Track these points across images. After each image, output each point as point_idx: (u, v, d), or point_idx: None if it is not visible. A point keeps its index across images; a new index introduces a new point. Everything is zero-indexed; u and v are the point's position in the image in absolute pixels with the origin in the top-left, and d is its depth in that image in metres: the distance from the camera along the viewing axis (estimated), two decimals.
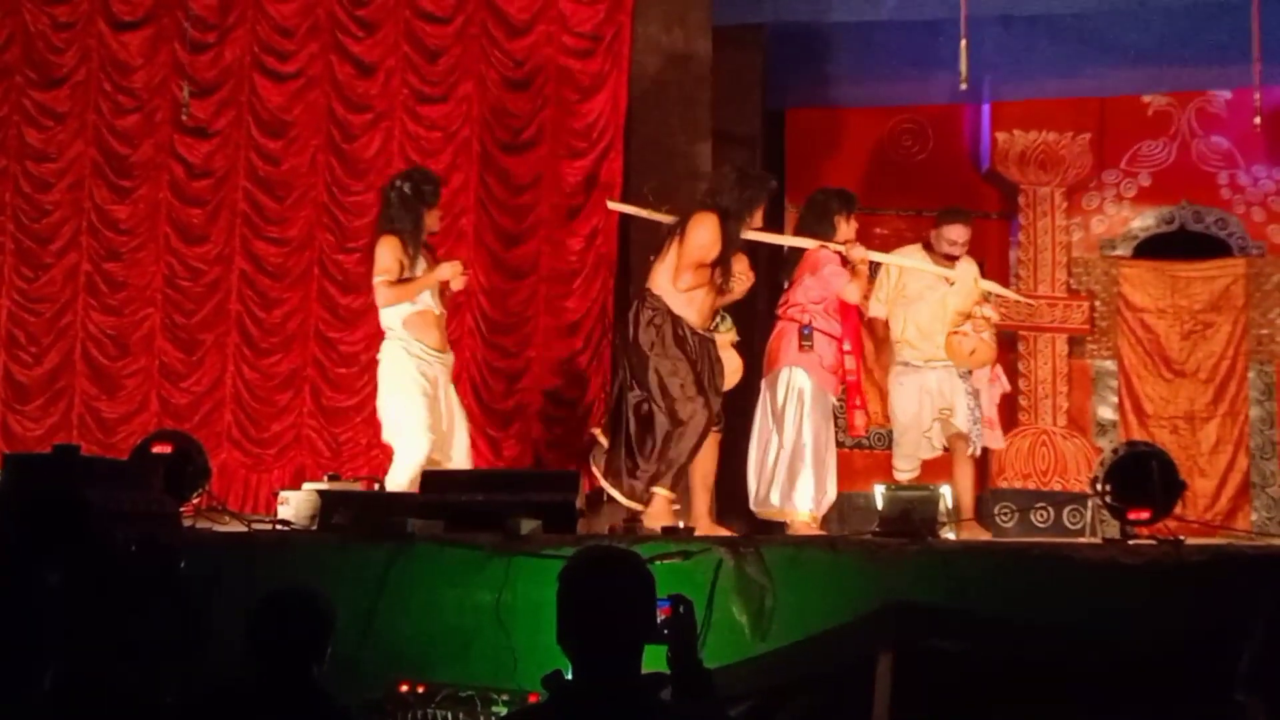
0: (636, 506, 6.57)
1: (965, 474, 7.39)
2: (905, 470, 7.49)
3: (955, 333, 7.32)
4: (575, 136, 8.15)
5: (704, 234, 6.59)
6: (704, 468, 6.76)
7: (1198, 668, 4.59)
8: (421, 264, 6.83)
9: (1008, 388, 7.88)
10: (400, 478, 6.68)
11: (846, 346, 7.19)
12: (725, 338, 6.92)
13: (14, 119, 8.67)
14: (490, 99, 8.28)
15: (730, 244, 6.64)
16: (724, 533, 6.29)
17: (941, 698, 4.77)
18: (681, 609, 3.25)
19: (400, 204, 6.85)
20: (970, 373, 7.40)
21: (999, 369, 7.75)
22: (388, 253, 6.78)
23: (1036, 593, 5.11)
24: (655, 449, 6.52)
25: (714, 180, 6.97)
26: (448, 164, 8.23)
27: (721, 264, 6.61)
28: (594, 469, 6.74)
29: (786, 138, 9.81)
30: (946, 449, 7.45)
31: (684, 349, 6.55)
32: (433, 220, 6.99)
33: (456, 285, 6.98)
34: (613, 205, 7.85)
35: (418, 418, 6.73)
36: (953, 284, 7.41)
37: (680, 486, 6.65)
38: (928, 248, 7.51)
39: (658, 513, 6.49)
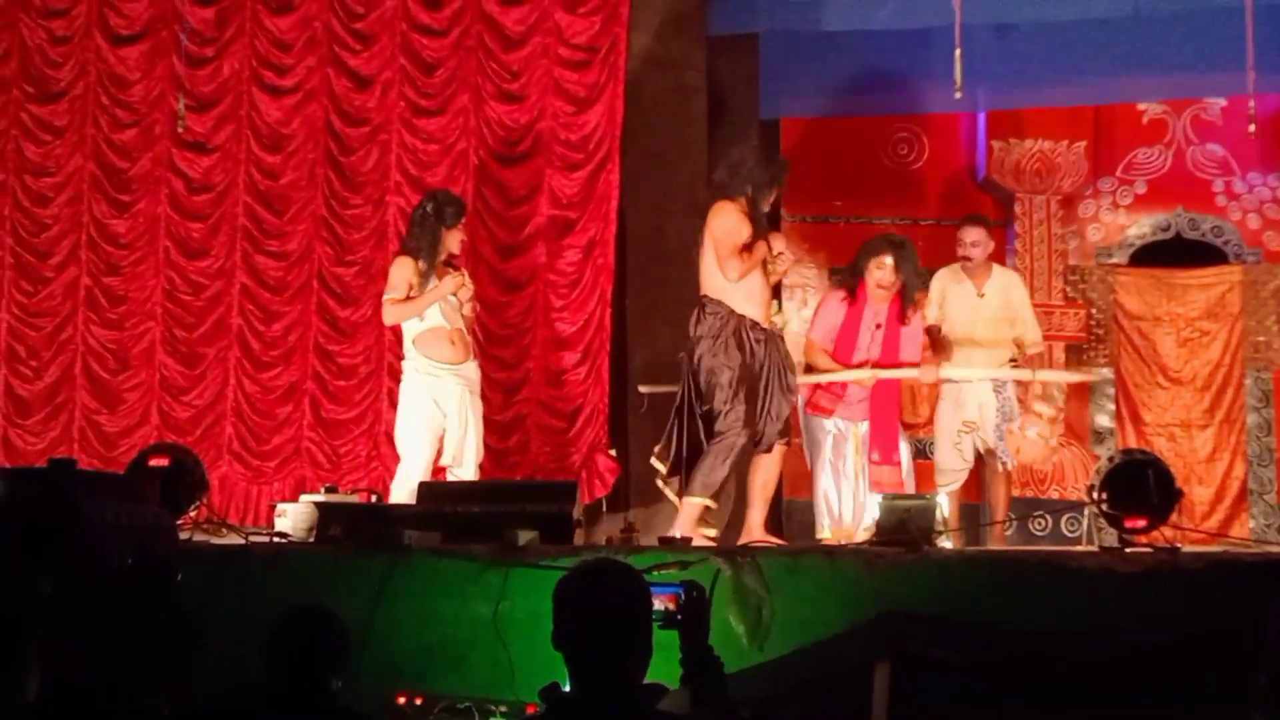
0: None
1: (995, 488, 7.47)
2: (943, 483, 7.49)
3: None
4: (571, 148, 8.14)
5: (725, 220, 6.42)
6: (763, 476, 6.56)
7: (1195, 675, 4.60)
8: (433, 283, 6.90)
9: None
10: (398, 491, 6.77)
11: None
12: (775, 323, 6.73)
13: (12, 133, 8.67)
14: (487, 111, 8.29)
15: (759, 224, 6.48)
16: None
17: (938, 707, 4.77)
18: (695, 594, 3.25)
19: (421, 223, 6.99)
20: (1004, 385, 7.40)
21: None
22: (397, 272, 6.95)
23: (1034, 601, 5.11)
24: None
25: (726, 165, 6.74)
26: (444, 176, 8.23)
27: (754, 246, 6.40)
28: (666, 492, 6.55)
29: (781, 147, 9.80)
30: (981, 460, 7.49)
31: (742, 353, 6.33)
32: (453, 241, 7.06)
33: (463, 297, 7.02)
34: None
35: (413, 435, 6.90)
36: (983, 296, 7.45)
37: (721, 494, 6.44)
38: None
39: (687, 520, 6.28)
